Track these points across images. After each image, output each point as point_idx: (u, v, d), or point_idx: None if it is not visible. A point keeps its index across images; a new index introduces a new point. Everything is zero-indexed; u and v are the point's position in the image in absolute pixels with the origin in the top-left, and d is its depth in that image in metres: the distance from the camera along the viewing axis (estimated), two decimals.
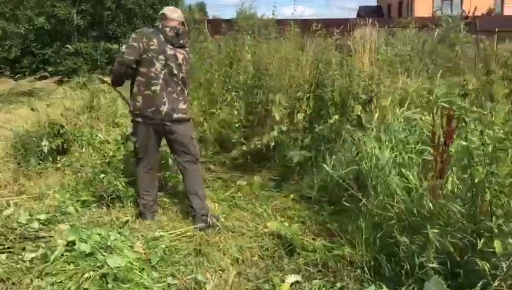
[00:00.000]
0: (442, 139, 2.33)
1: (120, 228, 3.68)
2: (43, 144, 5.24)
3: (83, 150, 5.52)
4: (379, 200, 3.08)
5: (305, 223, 3.80)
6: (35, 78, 12.06)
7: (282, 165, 4.94)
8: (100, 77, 8.87)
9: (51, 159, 5.26)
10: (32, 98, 9.94)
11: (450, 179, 2.64)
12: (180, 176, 4.06)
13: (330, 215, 3.84)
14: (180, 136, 3.74)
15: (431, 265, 2.33)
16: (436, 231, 2.33)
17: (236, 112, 5.30)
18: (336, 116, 4.42)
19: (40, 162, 5.21)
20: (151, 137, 3.78)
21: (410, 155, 3.14)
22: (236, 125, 5.27)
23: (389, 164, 3.04)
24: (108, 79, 12.36)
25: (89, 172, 4.40)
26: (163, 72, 3.65)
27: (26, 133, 5.82)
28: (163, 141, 3.90)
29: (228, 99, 5.50)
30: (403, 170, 3.00)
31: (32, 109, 6.79)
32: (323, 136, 4.41)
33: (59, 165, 5.23)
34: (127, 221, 3.79)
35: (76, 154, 5.32)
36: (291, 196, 4.39)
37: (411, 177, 2.85)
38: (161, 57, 3.64)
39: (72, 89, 10.54)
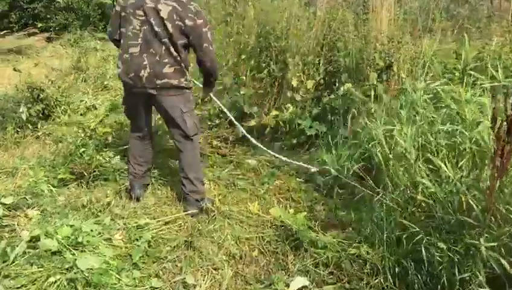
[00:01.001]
0: (504, 127, 1.79)
1: (100, 212, 3.20)
2: (20, 110, 4.70)
3: (66, 117, 4.99)
4: (400, 192, 2.56)
5: (312, 211, 3.31)
6: (24, 34, 11.36)
7: (292, 138, 4.38)
8: None
9: (30, 127, 4.74)
10: (20, 56, 9.31)
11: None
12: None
13: (342, 201, 3.35)
14: (168, 108, 3.16)
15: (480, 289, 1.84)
16: (492, 244, 1.83)
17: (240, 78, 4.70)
18: (349, 85, 3.85)
19: (19, 130, 4.69)
20: (138, 104, 3.29)
21: (437, 138, 2.59)
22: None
23: (412, 149, 2.49)
24: (101, 36, 11.61)
25: (69, 144, 3.88)
26: (142, 30, 3.04)
27: (4, 97, 5.28)
28: None
29: (229, 64, 4.87)
30: (430, 156, 2.45)
31: (14, 69, 6.23)
32: (333, 108, 3.86)
33: (40, 133, 4.72)
34: (108, 204, 3.30)
35: (59, 121, 4.80)
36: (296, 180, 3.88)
37: (444, 166, 2.32)
38: (139, 12, 3.03)
39: (62, 47, 9.91)
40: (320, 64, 4.31)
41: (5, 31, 11.25)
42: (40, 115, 4.93)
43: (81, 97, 5.68)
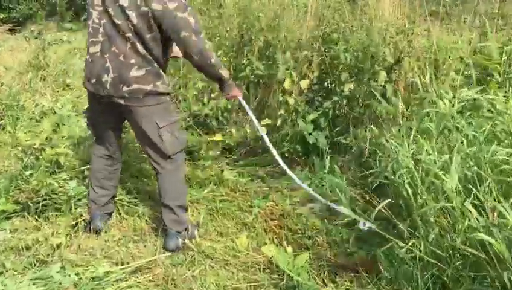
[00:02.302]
0: None
1: (48, 256, 2.53)
2: None
3: (17, 127, 4.26)
4: (437, 239, 1.95)
5: (314, 245, 2.69)
6: None
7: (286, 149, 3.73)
8: None
9: None
10: None
11: None
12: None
13: (349, 232, 2.73)
14: (140, 122, 2.49)
15: None
16: None
17: None
18: (350, 86, 3.22)
19: None
20: (104, 116, 2.64)
21: (486, 167, 1.95)
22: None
23: (459, 184, 1.86)
24: (69, 26, 10.74)
25: (12, 166, 3.18)
26: (102, 24, 2.38)
27: None
28: None
29: None
30: (481, 195, 1.83)
31: None
32: (336, 115, 3.23)
33: None
34: (59, 245, 2.62)
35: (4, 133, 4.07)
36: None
37: (504, 210, 1.70)
38: (97, 1, 2.37)
39: (26, 39, 9.05)
40: (313, 61, 3.65)
41: None
42: None
43: (37, 100, 4.93)
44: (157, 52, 2.46)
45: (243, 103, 2.81)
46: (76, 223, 2.87)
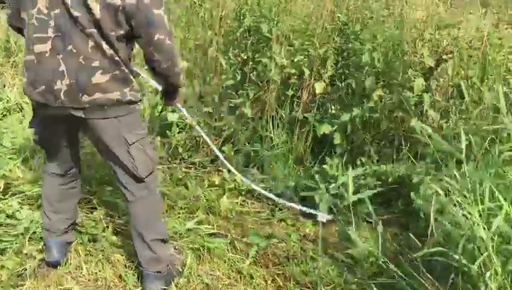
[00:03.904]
0: None
1: None
2: None
3: None
4: None
5: None
6: None
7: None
8: None
9: None
10: None
11: None
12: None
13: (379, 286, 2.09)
14: (105, 138, 1.93)
15: None
16: None
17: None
18: (379, 92, 2.53)
19: None
20: (56, 132, 2.06)
21: None
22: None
23: None
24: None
25: None
26: (53, 15, 1.75)
27: None
28: None
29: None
30: None
31: None
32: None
33: None
34: None
35: None
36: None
37: None
38: None
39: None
40: (329, 58, 2.93)
41: None
42: None
43: (4, 92, 4.25)
44: (124, 52, 1.88)
45: (184, 111, 2.55)
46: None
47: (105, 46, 1.79)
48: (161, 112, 3.31)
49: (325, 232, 2.63)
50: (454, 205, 1.64)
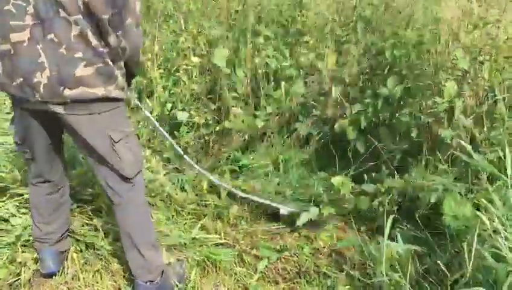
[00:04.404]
0: None
1: None
2: None
3: None
4: None
5: None
6: None
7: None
8: None
9: None
10: None
11: None
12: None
13: None
14: (86, 135, 1.77)
15: None
16: None
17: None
18: (399, 88, 2.30)
19: None
20: (33, 128, 1.86)
21: None
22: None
23: None
24: None
25: None
26: (31, 0, 1.57)
27: None
28: None
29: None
30: None
31: None
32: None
33: None
34: None
35: None
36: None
37: None
38: None
39: None
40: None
41: None
42: None
43: None
44: (115, 41, 1.69)
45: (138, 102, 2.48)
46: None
47: (90, 34, 1.62)
48: (171, 110, 3.13)
49: (341, 246, 2.43)
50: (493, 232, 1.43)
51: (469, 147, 2.08)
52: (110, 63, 1.70)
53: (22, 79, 1.63)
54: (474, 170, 2.16)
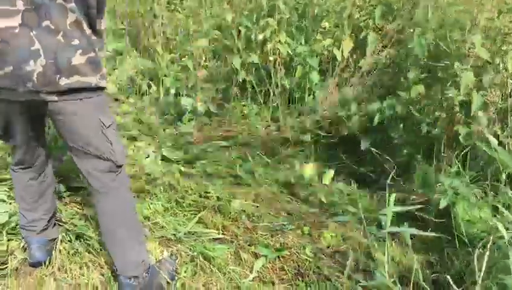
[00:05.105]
0: None
1: None
2: None
3: None
4: None
5: None
6: None
7: None
8: None
9: None
10: None
11: None
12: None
13: None
14: (76, 122, 1.69)
15: None
16: None
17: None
18: (419, 87, 2.12)
19: None
20: (20, 119, 1.77)
21: None
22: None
23: None
24: None
25: None
26: None
27: None
28: None
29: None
30: None
31: None
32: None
33: None
34: None
35: None
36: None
37: None
38: None
39: None
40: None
41: None
42: None
43: None
44: (100, 27, 1.68)
45: None
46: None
47: (83, 22, 1.58)
48: (176, 96, 3.02)
49: (346, 247, 2.27)
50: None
51: (493, 140, 1.89)
52: (98, 52, 1.66)
53: (11, 67, 1.53)
54: (492, 170, 1.97)
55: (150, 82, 3.00)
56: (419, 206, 1.88)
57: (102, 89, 1.71)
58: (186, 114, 2.85)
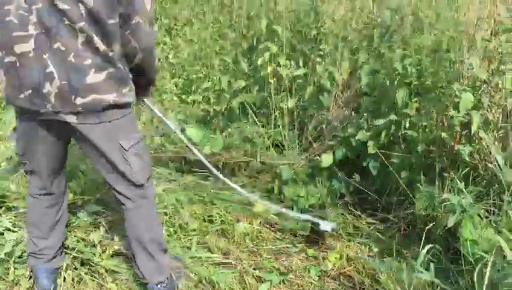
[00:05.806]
0: None
1: None
2: None
3: None
4: None
5: None
6: None
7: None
8: None
9: None
10: None
11: None
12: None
13: None
14: (97, 144, 1.74)
15: None
16: None
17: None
18: (415, 106, 2.14)
19: None
20: (43, 140, 1.81)
21: None
22: None
23: None
24: None
25: None
26: (34, 9, 1.53)
27: None
28: None
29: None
30: None
31: None
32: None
33: None
34: None
35: None
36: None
37: None
38: None
39: None
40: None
41: None
42: None
43: None
44: (119, 46, 1.67)
45: (151, 105, 2.36)
46: None
47: (97, 40, 1.58)
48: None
49: (351, 268, 2.27)
50: None
51: (500, 158, 1.91)
52: (121, 66, 1.69)
53: (30, 91, 1.60)
54: (496, 189, 1.98)
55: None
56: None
57: (126, 106, 1.74)
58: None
